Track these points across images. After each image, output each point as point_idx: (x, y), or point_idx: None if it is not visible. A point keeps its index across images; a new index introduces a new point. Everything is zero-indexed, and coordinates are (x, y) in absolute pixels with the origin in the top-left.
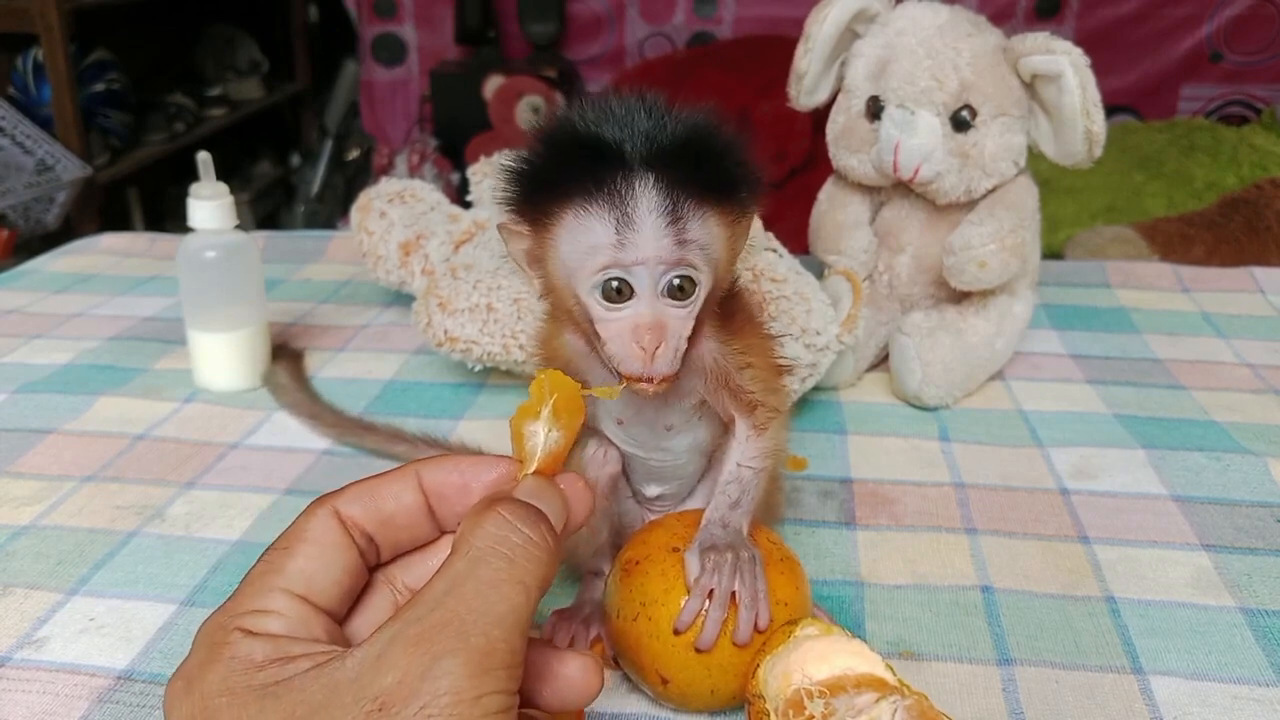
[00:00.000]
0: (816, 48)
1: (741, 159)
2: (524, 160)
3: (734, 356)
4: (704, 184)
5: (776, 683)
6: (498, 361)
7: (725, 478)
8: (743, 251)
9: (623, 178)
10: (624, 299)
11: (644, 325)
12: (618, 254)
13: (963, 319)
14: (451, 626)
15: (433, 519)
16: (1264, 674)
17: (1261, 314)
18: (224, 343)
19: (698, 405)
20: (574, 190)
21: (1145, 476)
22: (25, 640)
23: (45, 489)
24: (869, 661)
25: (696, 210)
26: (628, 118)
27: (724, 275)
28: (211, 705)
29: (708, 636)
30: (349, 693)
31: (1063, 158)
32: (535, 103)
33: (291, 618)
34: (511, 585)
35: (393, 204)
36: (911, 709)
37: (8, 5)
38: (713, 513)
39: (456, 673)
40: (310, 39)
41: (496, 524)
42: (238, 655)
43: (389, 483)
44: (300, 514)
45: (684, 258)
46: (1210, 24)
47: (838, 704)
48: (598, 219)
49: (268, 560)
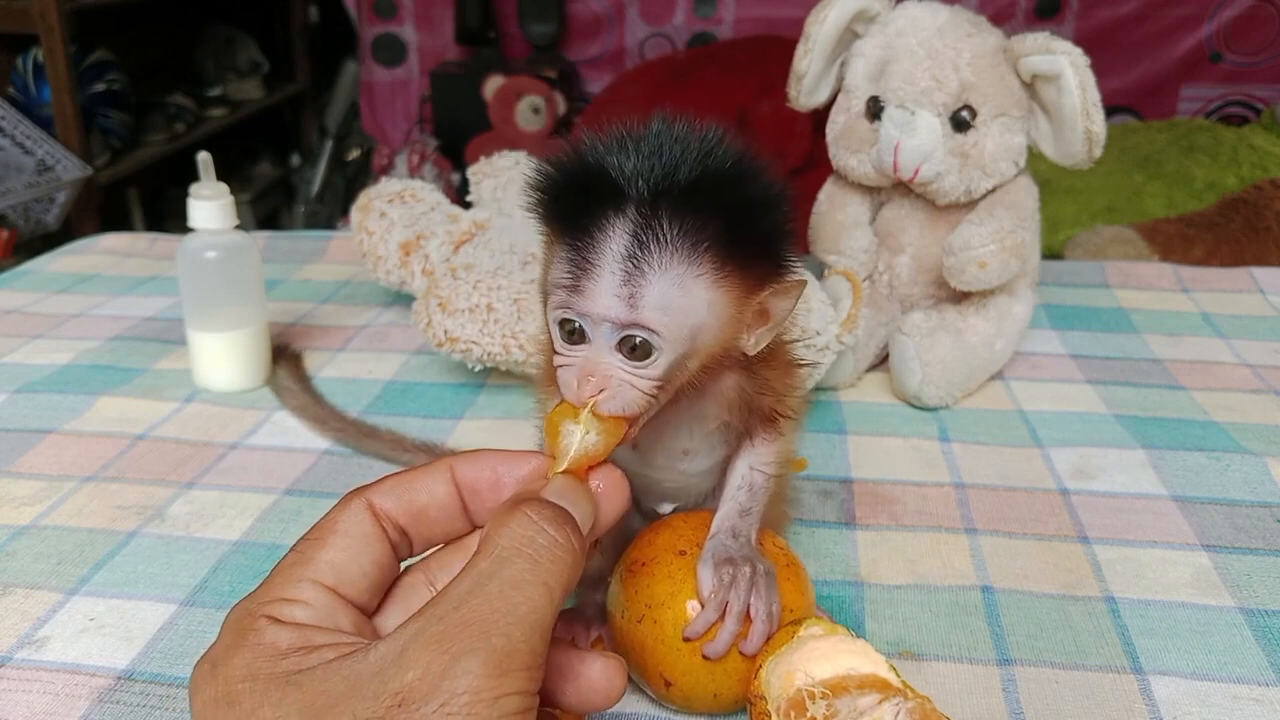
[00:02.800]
0: (816, 48)
1: (773, 215)
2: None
3: (759, 382)
4: (708, 239)
5: (779, 683)
6: (498, 362)
7: (736, 482)
8: (777, 319)
9: (608, 219)
10: (577, 342)
11: (586, 372)
12: (570, 298)
13: (963, 319)
14: (473, 626)
15: (465, 513)
16: (1264, 674)
17: (1261, 314)
18: (224, 343)
19: (709, 433)
20: (565, 219)
21: (1145, 476)
22: (25, 640)
23: (45, 489)
24: (872, 662)
25: (677, 270)
26: (646, 149)
27: (717, 343)
28: (234, 690)
29: (719, 648)
30: (369, 686)
31: (1063, 158)
32: (535, 103)
33: (318, 608)
34: (535, 586)
35: (393, 204)
36: (914, 712)
37: (8, 5)
38: (723, 520)
39: (476, 672)
40: (310, 39)
41: (522, 524)
42: (263, 642)
43: (423, 476)
44: (334, 505)
45: (637, 320)
46: (1210, 24)
47: (840, 705)
48: (567, 258)
49: (299, 550)
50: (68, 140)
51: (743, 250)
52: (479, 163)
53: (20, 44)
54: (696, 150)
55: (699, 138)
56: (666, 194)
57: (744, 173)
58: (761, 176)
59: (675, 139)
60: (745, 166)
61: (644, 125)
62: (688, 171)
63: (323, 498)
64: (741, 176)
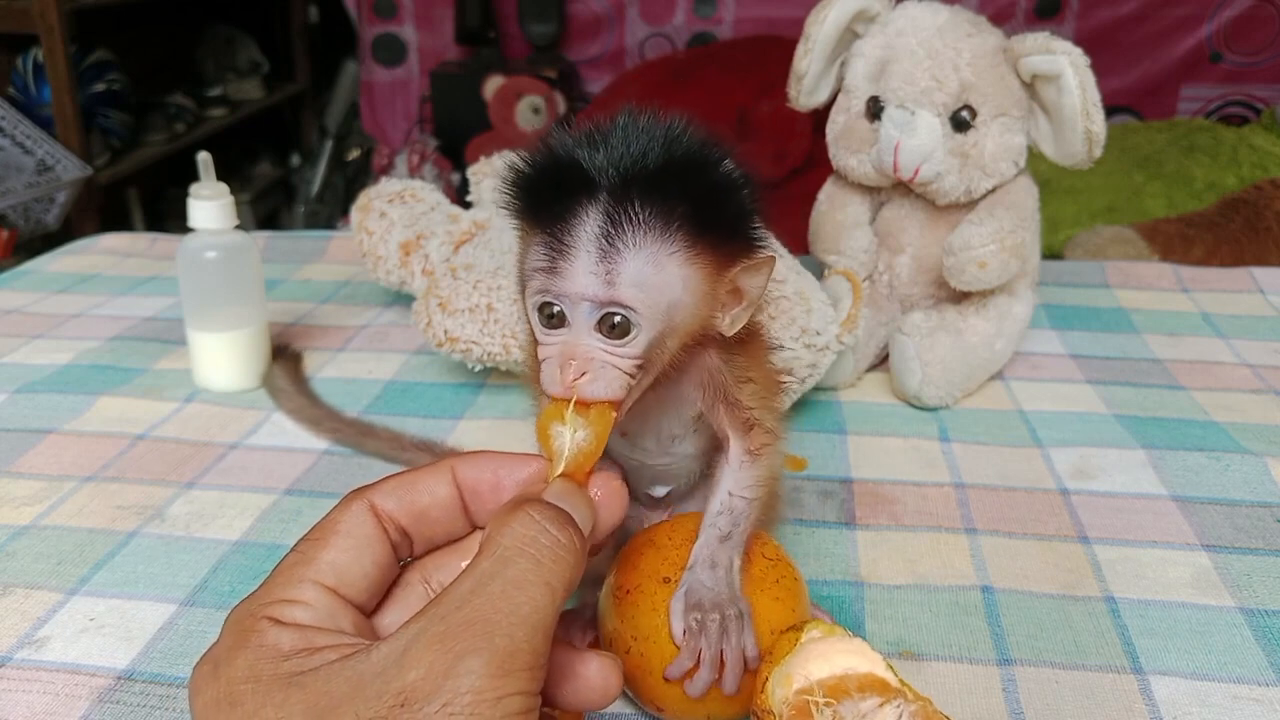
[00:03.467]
0: (816, 48)
1: (739, 195)
2: (515, 170)
3: (736, 368)
4: (679, 219)
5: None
6: (498, 362)
7: (716, 508)
8: (750, 300)
9: (581, 205)
10: (557, 326)
11: (567, 356)
12: (548, 281)
13: (963, 319)
14: (476, 626)
15: (466, 515)
16: (1264, 674)
17: (1261, 314)
18: (224, 343)
19: (695, 418)
20: (539, 210)
21: (1145, 476)
22: (25, 640)
23: (45, 489)
24: (870, 661)
25: (651, 249)
26: (615, 141)
27: (693, 321)
28: (236, 691)
29: (696, 691)
30: (372, 686)
31: (1063, 158)
32: (535, 103)
33: (319, 609)
34: (537, 587)
35: (393, 204)
36: (917, 714)
37: (8, 5)
38: (701, 549)
39: (479, 672)
40: (310, 39)
41: (525, 524)
42: (265, 643)
43: (424, 477)
44: (335, 505)
45: (614, 298)
46: (1210, 24)
47: (843, 710)
48: (542, 243)
49: (300, 551)
50: (68, 140)
51: (712, 229)
52: (479, 163)
53: (20, 44)
54: (662, 138)
55: (664, 128)
56: (636, 179)
57: (709, 157)
58: (726, 160)
59: (641, 130)
60: (710, 152)
61: (609, 121)
62: (655, 157)
63: (322, 498)
64: (707, 161)
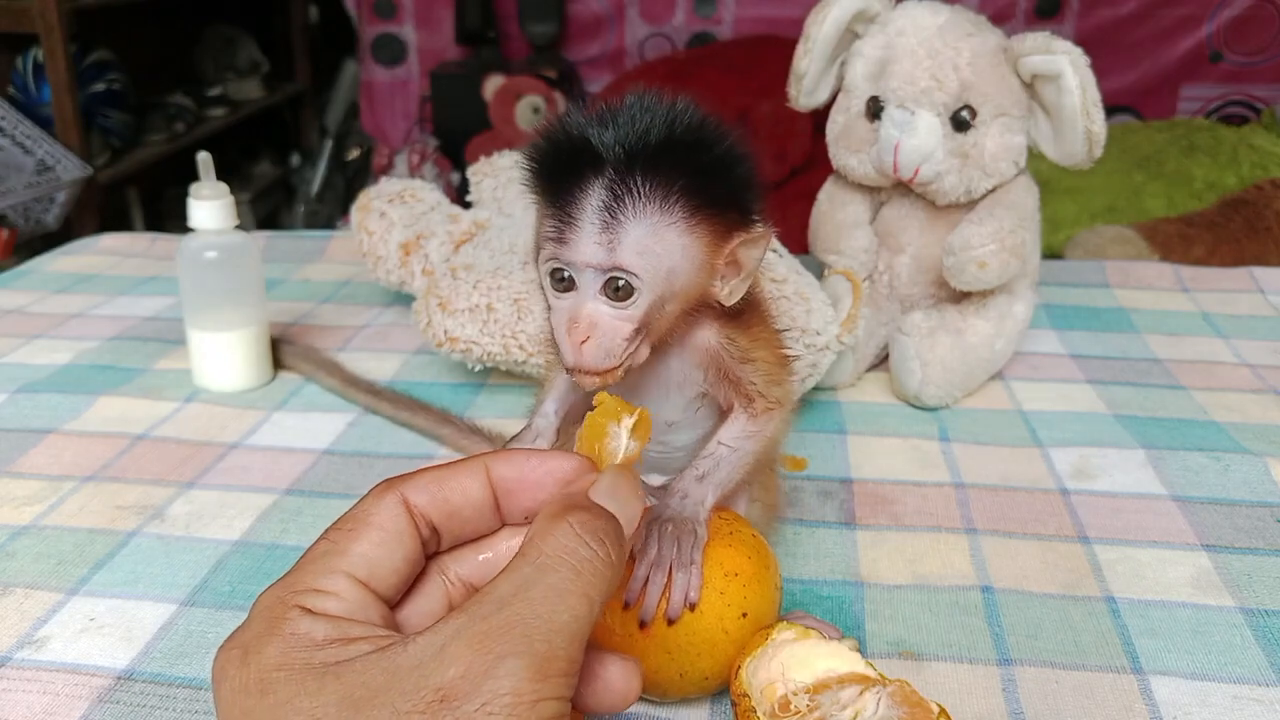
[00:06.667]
0: (816, 48)
1: (737, 171)
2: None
3: (737, 349)
4: (678, 192)
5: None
6: (498, 361)
7: (703, 453)
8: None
9: (588, 180)
10: (566, 289)
11: (573, 318)
12: (558, 249)
13: (963, 319)
14: (516, 629)
15: (497, 513)
16: (1264, 674)
17: (1261, 314)
18: (224, 343)
19: (698, 398)
20: (552, 184)
21: (1145, 476)
22: (25, 640)
23: (45, 489)
24: (849, 661)
25: (651, 219)
26: (622, 119)
27: (692, 287)
28: (269, 678)
29: (648, 604)
30: (410, 679)
31: (1063, 158)
32: (535, 103)
33: (350, 601)
34: (576, 596)
35: (393, 204)
36: (895, 694)
37: (8, 5)
38: (676, 482)
39: (519, 675)
40: (310, 39)
41: (566, 535)
42: (297, 632)
43: (457, 474)
44: (366, 496)
45: (617, 263)
46: (1210, 24)
47: (823, 699)
48: (551, 214)
49: (331, 540)
50: (68, 140)
51: (711, 201)
52: (479, 163)
53: (20, 44)
54: (665, 117)
55: (667, 107)
56: (639, 155)
57: (709, 136)
58: (726, 137)
59: (646, 109)
60: (710, 130)
61: (620, 101)
62: (657, 134)
63: (323, 498)
64: (707, 139)
